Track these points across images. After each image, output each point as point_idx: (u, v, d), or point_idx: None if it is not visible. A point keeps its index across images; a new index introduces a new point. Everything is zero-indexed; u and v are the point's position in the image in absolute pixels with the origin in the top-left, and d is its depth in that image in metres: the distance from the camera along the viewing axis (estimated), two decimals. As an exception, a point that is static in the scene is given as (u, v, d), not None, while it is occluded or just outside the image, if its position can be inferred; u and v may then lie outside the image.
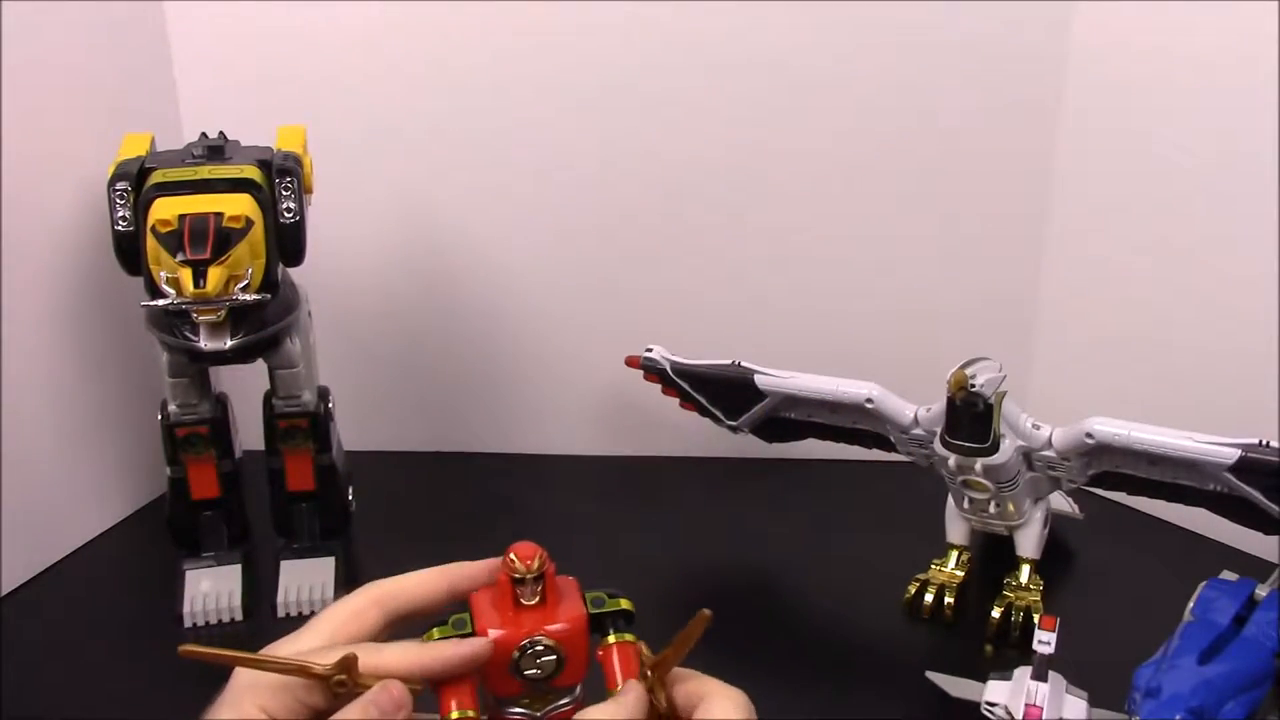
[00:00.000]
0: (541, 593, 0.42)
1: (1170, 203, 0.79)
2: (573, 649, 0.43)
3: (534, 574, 0.42)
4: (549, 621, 0.42)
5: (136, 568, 0.79)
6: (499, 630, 0.42)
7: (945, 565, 0.74)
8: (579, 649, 0.43)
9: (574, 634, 0.43)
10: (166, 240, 0.64)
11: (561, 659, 0.42)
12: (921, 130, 0.85)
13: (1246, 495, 0.62)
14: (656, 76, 0.85)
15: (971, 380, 0.62)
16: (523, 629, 0.42)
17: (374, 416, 0.93)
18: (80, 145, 0.77)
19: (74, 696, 0.66)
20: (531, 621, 0.42)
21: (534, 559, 0.42)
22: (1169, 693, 0.53)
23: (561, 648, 0.42)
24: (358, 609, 0.43)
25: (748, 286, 0.90)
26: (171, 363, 0.71)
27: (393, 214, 0.90)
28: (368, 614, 0.43)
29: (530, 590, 0.42)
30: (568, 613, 0.43)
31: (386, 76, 0.86)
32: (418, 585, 0.44)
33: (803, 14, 0.82)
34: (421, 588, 0.44)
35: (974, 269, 0.88)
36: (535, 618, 0.42)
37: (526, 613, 0.42)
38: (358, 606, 0.43)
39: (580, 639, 0.43)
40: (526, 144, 0.87)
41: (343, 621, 0.42)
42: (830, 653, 0.70)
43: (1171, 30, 0.76)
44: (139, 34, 0.85)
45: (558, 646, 0.42)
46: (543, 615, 0.43)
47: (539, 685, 0.43)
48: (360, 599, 0.43)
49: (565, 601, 0.43)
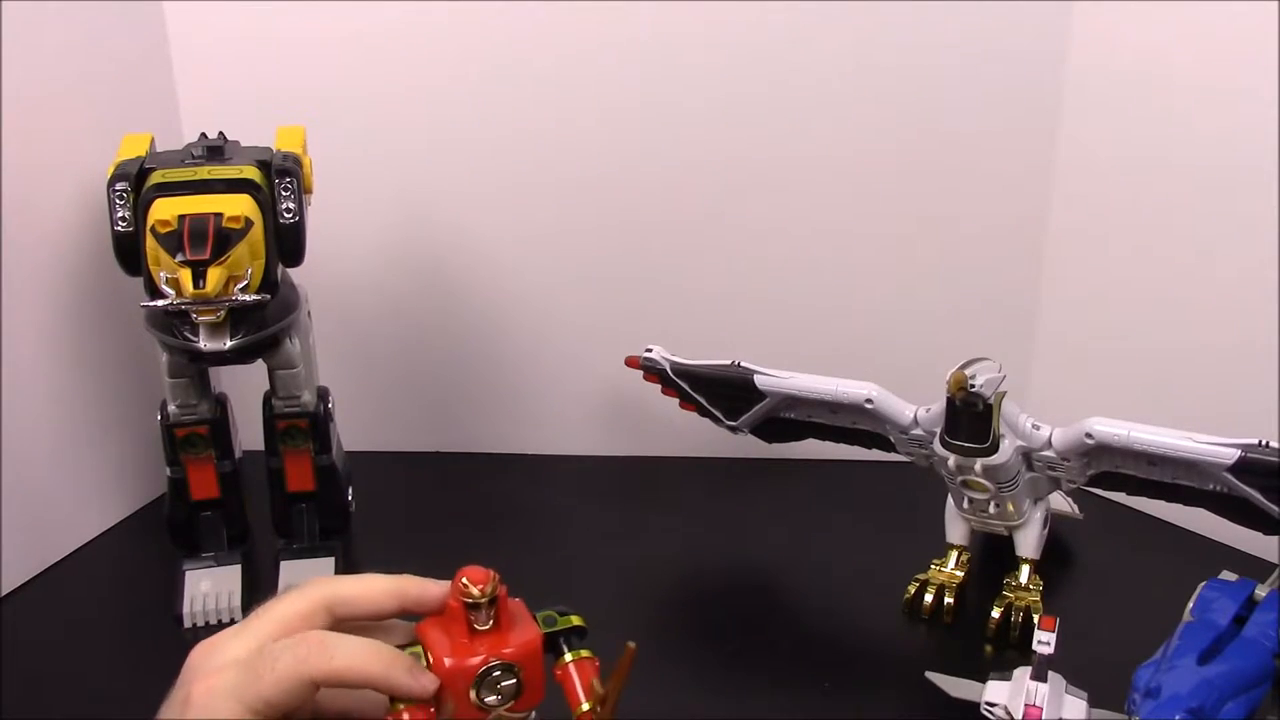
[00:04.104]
0: (495, 616, 0.42)
1: (1170, 203, 0.79)
2: (531, 670, 0.42)
3: (487, 598, 0.42)
4: (505, 645, 0.42)
5: (136, 568, 0.79)
6: (455, 659, 0.41)
7: (945, 565, 0.74)
8: (536, 670, 0.43)
9: (531, 654, 0.42)
10: (166, 241, 0.64)
11: (520, 682, 0.42)
12: (922, 130, 0.85)
13: (1246, 495, 0.62)
14: (656, 77, 0.85)
15: (971, 380, 0.62)
16: (480, 654, 0.42)
17: (374, 416, 0.93)
18: (80, 145, 0.77)
19: (74, 696, 0.66)
20: (487, 646, 0.42)
21: (488, 583, 0.42)
22: (1168, 693, 0.53)
23: (520, 670, 0.42)
24: (306, 612, 0.42)
25: (748, 286, 0.90)
26: (171, 363, 0.71)
27: (392, 214, 0.90)
28: (316, 618, 0.42)
29: (484, 615, 0.42)
30: (522, 635, 0.43)
31: (386, 77, 0.86)
32: (368, 595, 0.43)
33: (803, 15, 0.82)
34: (371, 598, 0.43)
35: (974, 269, 0.88)
36: (490, 642, 0.42)
37: (481, 638, 0.42)
38: (306, 610, 0.42)
39: (537, 659, 0.43)
40: (526, 144, 0.87)
41: (289, 623, 0.41)
42: (830, 653, 0.70)
43: (1171, 30, 0.76)
44: (139, 34, 0.85)
45: (517, 669, 0.42)
46: (498, 639, 0.42)
47: (497, 711, 0.42)
48: (309, 602, 0.42)
49: (519, 624, 0.43)
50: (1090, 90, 0.81)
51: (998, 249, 0.88)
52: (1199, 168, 0.77)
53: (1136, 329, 0.83)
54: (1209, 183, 0.77)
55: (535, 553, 0.79)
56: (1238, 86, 0.74)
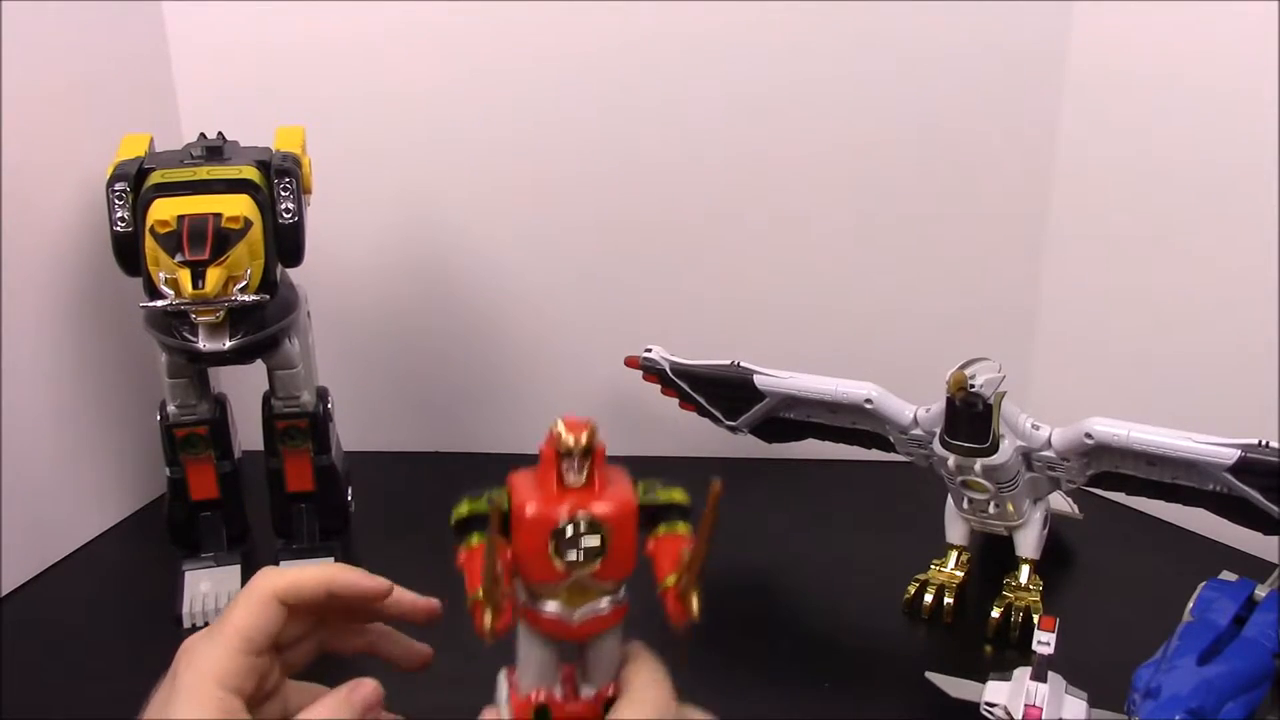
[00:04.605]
0: (589, 472, 0.39)
1: (1170, 203, 0.79)
2: (619, 534, 0.39)
3: (581, 449, 0.38)
4: (594, 501, 0.38)
5: (136, 568, 0.79)
6: (538, 506, 0.38)
7: (945, 565, 0.73)
8: (626, 537, 0.39)
9: (621, 517, 0.39)
10: (165, 241, 0.64)
11: (605, 543, 0.38)
12: (922, 131, 0.85)
13: (1246, 495, 0.62)
14: (656, 78, 0.85)
15: (971, 380, 0.62)
16: (565, 506, 0.38)
17: (373, 417, 0.93)
18: (79, 146, 0.77)
19: (74, 696, 0.66)
20: (575, 501, 0.38)
21: (583, 432, 0.38)
22: (1168, 693, 0.53)
23: (607, 530, 0.38)
24: (263, 599, 0.44)
25: (747, 286, 0.90)
26: (170, 363, 0.71)
27: (392, 214, 0.90)
28: (271, 605, 0.44)
29: (577, 466, 0.38)
30: (616, 495, 0.39)
31: (385, 77, 0.86)
32: (307, 581, 0.45)
33: (803, 16, 0.82)
34: (310, 584, 0.45)
35: (974, 269, 0.88)
36: (579, 498, 0.38)
37: (571, 492, 0.39)
38: (263, 597, 0.44)
39: (628, 525, 0.39)
40: (525, 144, 0.87)
41: (252, 611, 0.43)
42: (830, 653, 0.70)
43: (1171, 31, 0.76)
44: (138, 35, 0.85)
45: (602, 527, 0.38)
46: (588, 495, 0.39)
47: (579, 573, 0.39)
48: (263, 591, 0.44)
49: (614, 485, 0.40)
50: (1090, 90, 0.81)
51: (998, 249, 0.88)
52: (1199, 168, 0.77)
53: (1136, 329, 0.83)
54: (1209, 183, 0.77)
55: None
56: (1238, 87, 0.74)
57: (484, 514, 0.39)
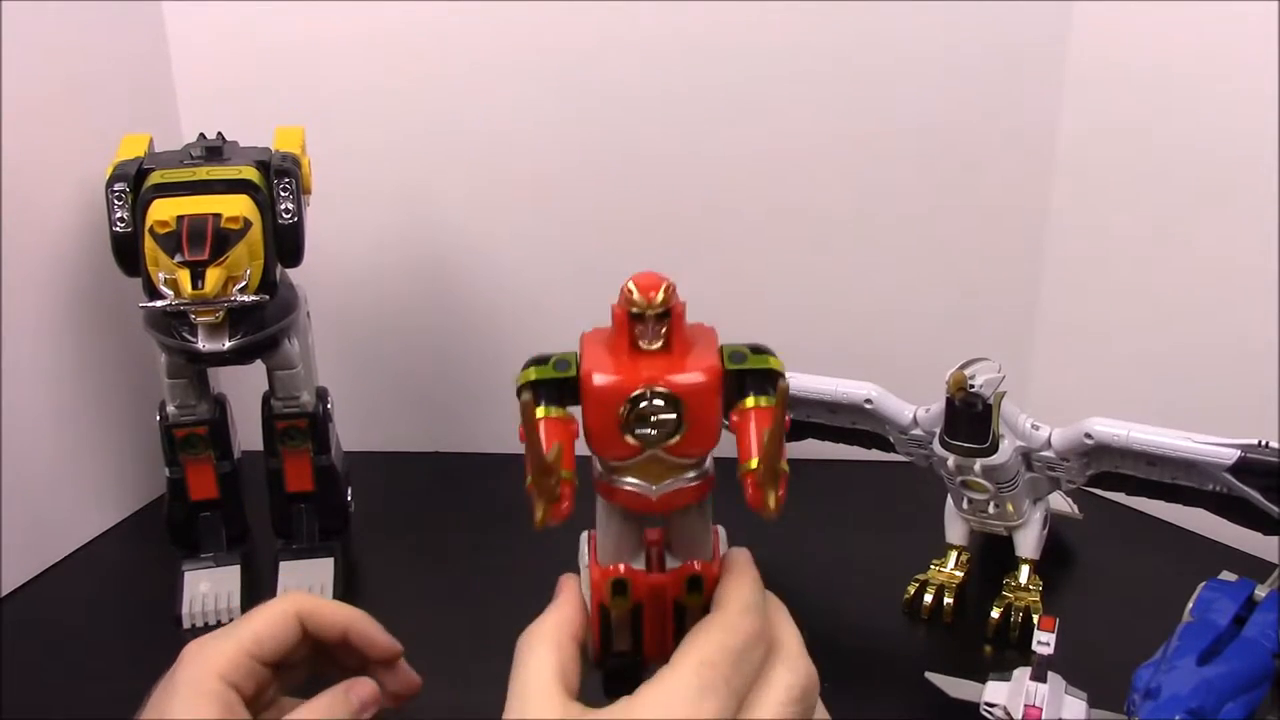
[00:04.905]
0: (665, 336, 0.34)
1: (1170, 203, 0.79)
2: (698, 408, 0.34)
3: (656, 310, 0.34)
4: (671, 371, 0.34)
5: (136, 568, 0.79)
6: (607, 376, 0.34)
7: (945, 566, 0.73)
8: (706, 410, 0.34)
9: (700, 389, 0.34)
10: (165, 241, 0.64)
11: (682, 418, 0.34)
12: (921, 129, 0.85)
13: (1246, 495, 0.61)
14: (655, 78, 0.85)
15: (970, 380, 0.62)
16: (637, 377, 0.34)
17: (373, 417, 0.93)
18: (79, 146, 0.77)
19: (74, 696, 0.66)
20: (650, 369, 0.34)
21: (658, 290, 0.34)
22: (1168, 694, 0.53)
23: (682, 404, 0.34)
24: (285, 613, 0.44)
25: (746, 286, 0.90)
26: (170, 364, 0.70)
27: (391, 214, 0.90)
28: (291, 621, 0.44)
29: (651, 331, 0.34)
30: (696, 363, 0.34)
31: (385, 77, 0.86)
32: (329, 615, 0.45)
33: (802, 14, 0.82)
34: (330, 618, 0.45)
35: (974, 269, 0.88)
36: (654, 365, 0.34)
37: (644, 359, 0.34)
38: (285, 611, 0.44)
39: (709, 397, 0.34)
40: (525, 144, 0.87)
41: (271, 621, 0.44)
42: (830, 653, 0.70)
43: (1171, 30, 0.76)
44: (138, 34, 0.85)
45: (677, 401, 0.34)
46: (665, 364, 0.34)
47: (655, 449, 0.34)
48: (286, 605, 0.44)
49: (696, 350, 0.35)
50: (1090, 88, 0.81)
51: (998, 249, 0.88)
52: (1199, 168, 0.77)
53: (1137, 329, 0.83)
54: (1209, 183, 0.76)
55: (535, 553, 0.79)
56: (1238, 85, 0.73)
57: (552, 380, 0.35)
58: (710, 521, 0.38)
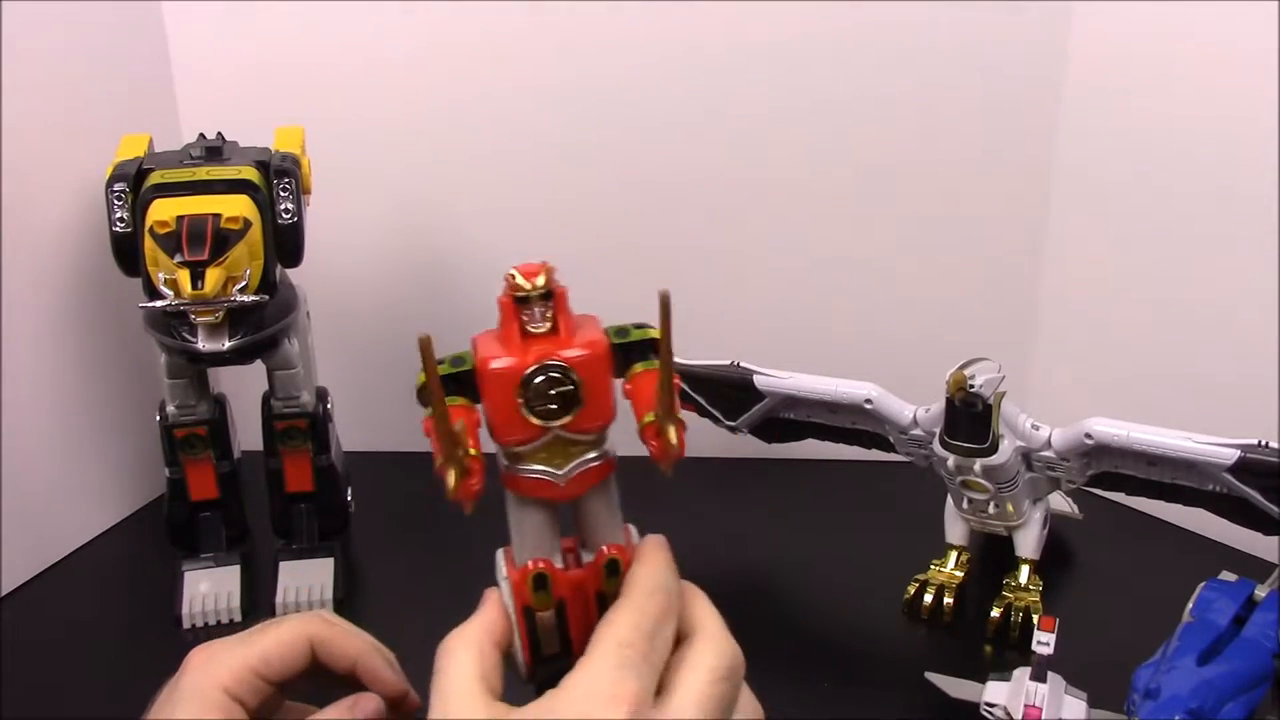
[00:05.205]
0: (552, 319, 0.37)
1: (1170, 203, 0.79)
2: (591, 379, 0.36)
3: (539, 291, 0.36)
4: (561, 348, 0.36)
5: (136, 568, 0.79)
6: (501, 360, 0.36)
7: (944, 566, 0.73)
8: (600, 381, 0.37)
9: (591, 360, 0.36)
10: (164, 241, 0.64)
11: (579, 390, 0.36)
12: (921, 130, 0.85)
13: (1246, 495, 0.61)
14: (655, 79, 0.85)
15: (970, 380, 0.62)
16: (529, 356, 0.36)
17: (373, 417, 0.93)
18: (79, 146, 0.77)
19: (74, 696, 0.66)
20: (541, 350, 0.36)
21: (538, 274, 0.36)
22: (1168, 694, 0.53)
23: (577, 375, 0.36)
24: (297, 636, 0.43)
25: (747, 286, 0.90)
26: (170, 364, 0.71)
27: (391, 214, 0.90)
28: (303, 645, 0.43)
29: (538, 313, 0.36)
30: (584, 339, 0.37)
31: (385, 77, 0.86)
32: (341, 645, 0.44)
33: (802, 16, 0.82)
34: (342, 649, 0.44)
35: (974, 269, 0.88)
36: (545, 345, 0.36)
37: (535, 341, 0.36)
38: (298, 633, 0.43)
39: (600, 368, 0.37)
40: (525, 145, 0.87)
41: (283, 641, 0.43)
42: (830, 653, 0.70)
43: (1171, 30, 0.76)
44: (137, 35, 0.85)
45: (572, 373, 0.36)
46: (554, 343, 0.36)
47: (555, 426, 0.36)
48: (301, 628, 0.43)
49: (582, 330, 0.37)
50: (1090, 90, 0.81)
51: (998, 249, 0.88)
52: (1199, 168, 0.77)
53: (1137, 329, 0.83)
54: (1209, 183, 0.76)
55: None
56: (1238, 87, 0.73)
57: (449, 376, 0.37)
58: (617, 505, 0.40)
